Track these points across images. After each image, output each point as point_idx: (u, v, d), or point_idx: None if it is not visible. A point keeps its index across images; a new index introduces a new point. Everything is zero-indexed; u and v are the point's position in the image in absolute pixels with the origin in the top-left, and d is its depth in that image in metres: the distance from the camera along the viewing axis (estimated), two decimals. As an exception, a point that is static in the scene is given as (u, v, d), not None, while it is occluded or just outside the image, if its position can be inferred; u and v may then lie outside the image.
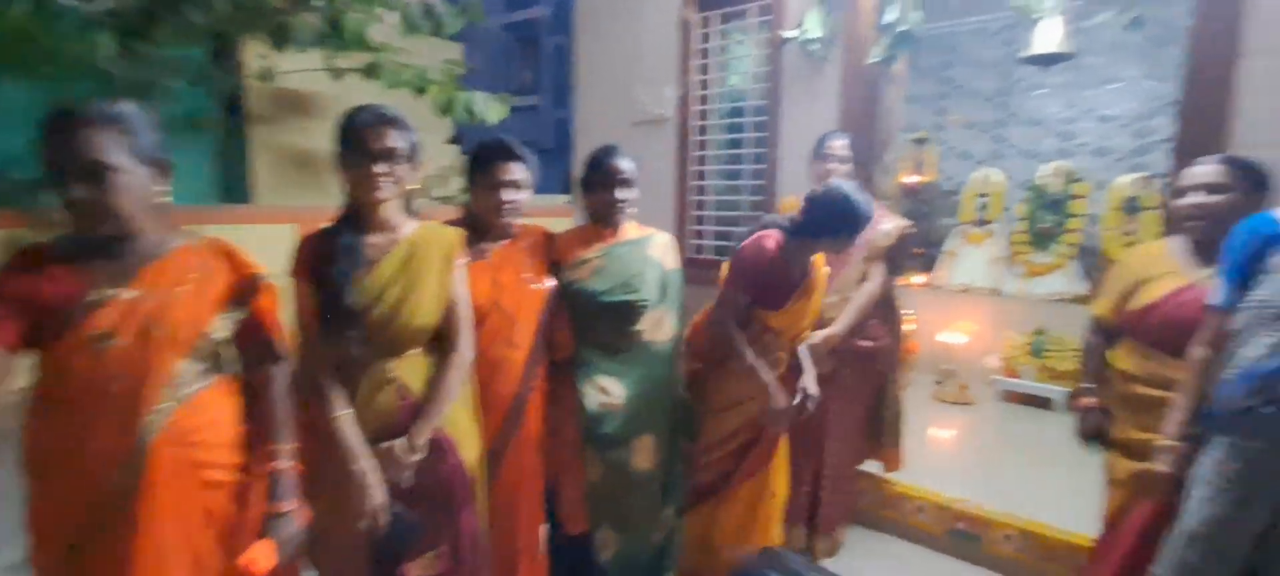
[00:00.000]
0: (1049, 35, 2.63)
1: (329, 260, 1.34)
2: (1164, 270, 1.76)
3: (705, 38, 2.87)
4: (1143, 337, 1.78)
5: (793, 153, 2.57)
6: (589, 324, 1.80)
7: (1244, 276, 1.48)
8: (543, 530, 1.85)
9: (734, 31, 2.87)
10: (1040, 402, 3.88)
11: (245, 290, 1.19)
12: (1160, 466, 1.59)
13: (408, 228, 1.44)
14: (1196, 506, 1.49)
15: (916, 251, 4.80)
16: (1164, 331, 1.70)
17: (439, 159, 4.21)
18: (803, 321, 1.99)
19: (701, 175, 2.96)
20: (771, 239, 1.90)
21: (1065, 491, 2.43)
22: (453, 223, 1.61)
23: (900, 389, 2.56)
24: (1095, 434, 1.92)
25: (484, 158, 1.65)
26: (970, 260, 4.63)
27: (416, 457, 1.39)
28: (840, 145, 2.29)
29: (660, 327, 1.87)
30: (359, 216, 1.39)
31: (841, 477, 2.43)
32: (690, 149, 2.93)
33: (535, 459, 1.74)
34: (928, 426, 3.63)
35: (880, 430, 2.55)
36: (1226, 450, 1.44)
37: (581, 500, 1.83)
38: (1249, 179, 1.64)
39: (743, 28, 2.83)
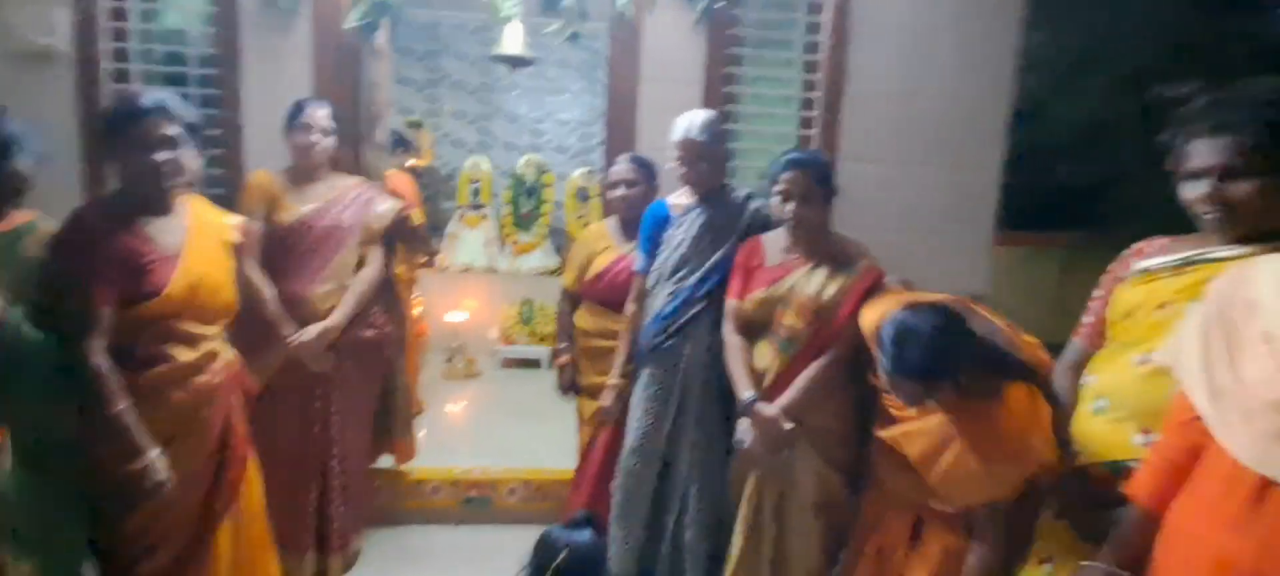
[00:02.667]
0: (513, 39, 2.94)
1: None
2: (606, 245, 2.21)
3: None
4: (595, 299, 2.20)
5: (260, 119, 2.17)
6: None
7: (653, 246, 1.97)
8: None
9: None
10: (531, 364, 4.48)
11: None
12: (606, 400, 1.99)
13: None
14: (633, 426, 1.92)
15: (413, 224, 4.84)
16: (609, 294, 2.14)
17: None
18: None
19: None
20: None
21: (554, 438, 2.84)
22: None
23: (410, 376, 2.51)
24: (570, 385, 2.29)
25: None
26: (468, 242, 4.96)
27: None
28: (322, 115, 2.05)
29: None
30: None
31: (354, 483, 2.23)
32: (99, 99, 2.16)
33: None
34: (441, 404, 3.76)
35: (391, 423, 2.45)
36: (647, 377, 1.90)
37: None
38: (646, 173, 2.20)
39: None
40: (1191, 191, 1.15)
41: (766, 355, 1.73)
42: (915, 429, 1.36)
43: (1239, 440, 0.87)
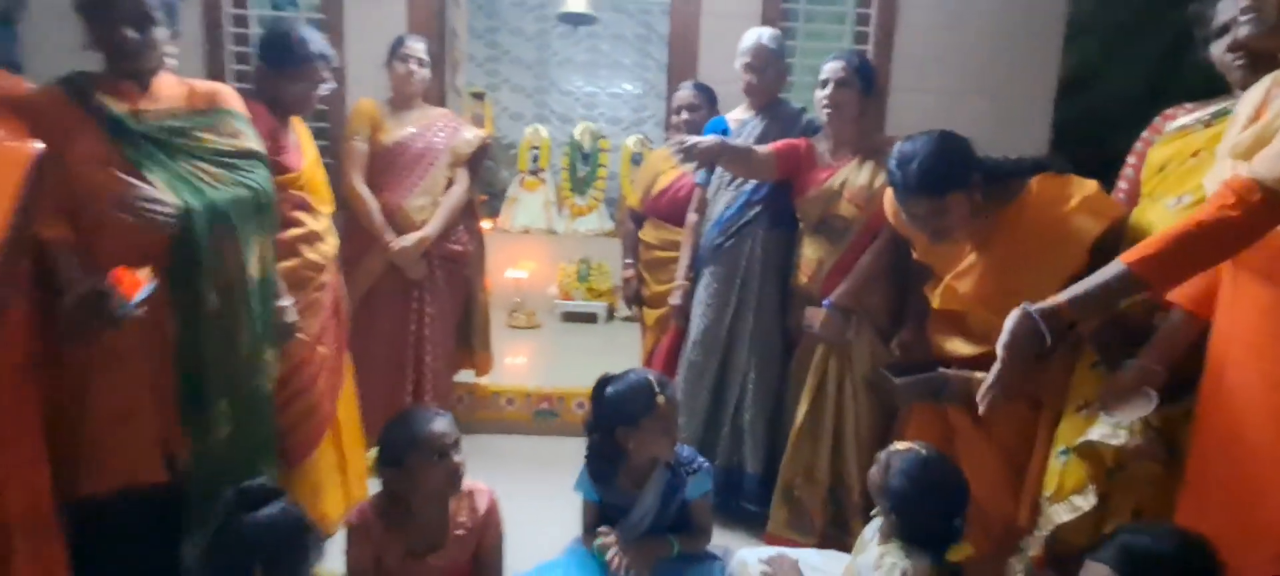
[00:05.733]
0: (577, -2, 3.14)
1: None
2: (668, 166, 2.40)
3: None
4: (658, 215, 2.39)
5: (362, 55, 2.45)
6: None
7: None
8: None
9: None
10: (589, 318, 4.71)
11: None
12: (674, 299, 2.18)
13: None
14: (696, 322, 2.10)
15: (481, 198, 5.14)
16: (671, 209, 2.33)
17: None
18: None
19: (240, 60, 2.52)
20: None
21: (614, 366, 3.01)
22: None
23: (485, 294, 2.76)
24: (635, 296, 2.49)
25: None
26: (527, 205, 5.22)
27: None
28: (419, 48, 2.30)
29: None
30: None
31: (441, 384, 2.49)
32: (222, 45, 2.47)
33: (24, 396, 1.24)
34: (504, 351, 4.01)
35: (470, 336, 2.70)
36: (708, 276, 2.08)
37: None
38: (707, 98, 2.37)
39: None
40: (1219, 48, 1.25)
41: (823, 247, 1.89)
42: (961, 269, 1.49)
43: None
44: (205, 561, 1.10)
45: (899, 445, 1.33)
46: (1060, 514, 1.40)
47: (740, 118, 2.13)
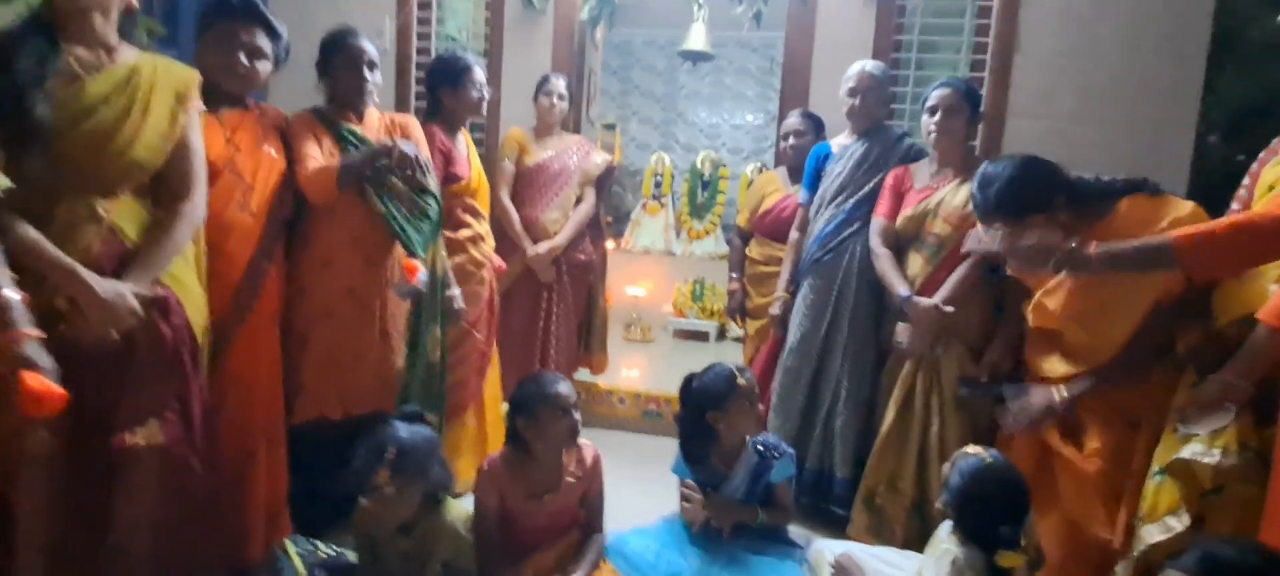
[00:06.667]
0: (697, 36, 3.43)
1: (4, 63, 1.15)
2: (775, 188, 2.59)
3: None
4: (764, 233, 2.57)
5: (514, 92, 2.88)
6: None
7: (815, 180, 2.30)
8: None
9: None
10: (701, 336, 4.91)
11: None
12: (775, 310, 2.34)
13: (129, 52, 1.30)
14: (793, 331, 2.25)
15: (607, 220, 5.56)
16: (775, 227, 2.51)
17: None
18: None
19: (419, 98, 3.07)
20: None
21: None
22: None
23: (605, 300, 3.06)
24: (739, 308, 2.68)
25: (222, 13, 1.56)
26: (648, 228, 5.57)
27: (131, 305, 1.23)
28: (562, 85, 2.68)
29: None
30: (57, 22, 1.21)
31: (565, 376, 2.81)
32: (410, 84, 3.01)
33: (272, 338, 1.69)
34: (620, 361, 4.32)
35: (589, 337, 3.01)
36: (807, 288, 2.22)
37: None
38: (814, 125, 2.53)
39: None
40: None
41: (917, 263, 1.98)
42: (1051, 286, 1.53)
43: None
44: (361, 447, 1.45)
45: (970, 449, 1.41)
46: (1153, 534, 1.39)
47: (843, 143, 2.27)
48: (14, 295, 1.06)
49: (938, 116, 1.94)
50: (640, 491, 2.07)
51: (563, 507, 1.65)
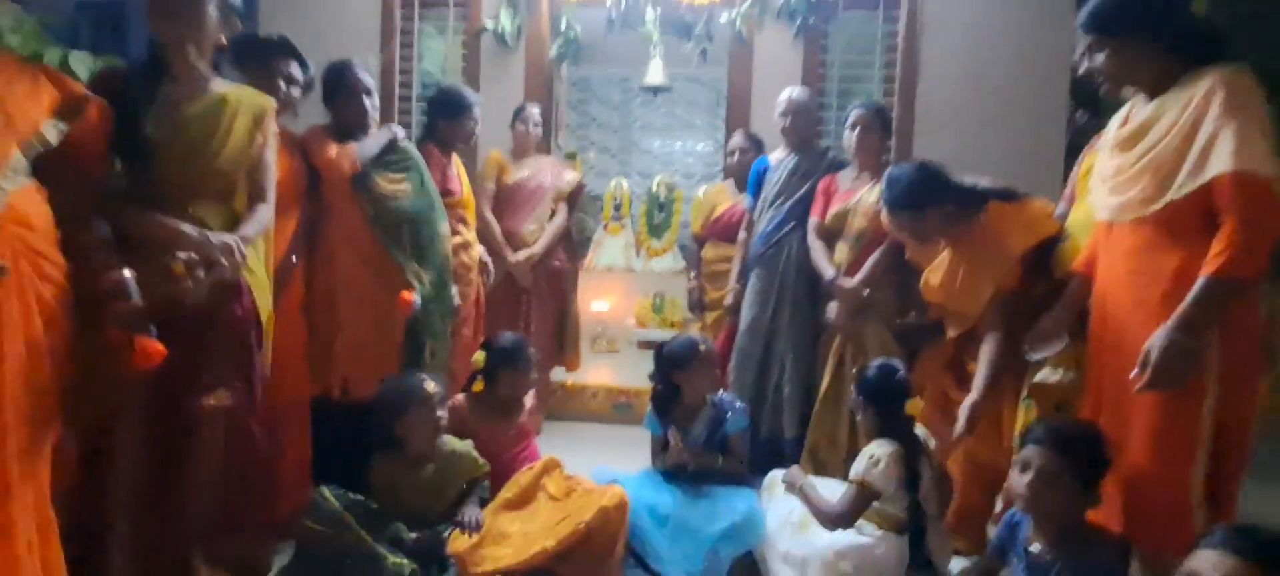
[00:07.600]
0: (655, 71, 3.84)
1: (123, 92, 1.43)
2: (723, 198, 3.00)
3: (406, 20, 3.32)
4: (716, 236, 2.97)
5: (488, 121, 3.20)
6: None
7: (758, 188, 2.71)
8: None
9: (431, 19, 3.40)
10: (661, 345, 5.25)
11: (72, 105, 1.27)
12: (728, 299, 2.72)
13: (219, 83, 1.57)
14: (744, 316, 2.63)
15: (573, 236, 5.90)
16: (726, 231, 2.90)
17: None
18: None
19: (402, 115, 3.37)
20: None
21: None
22: None
23: (577, 307, 3.39)
24: (698, 303, 3.06)
25: (266, 49, 1.86)
26: (610, 247, 5.93)
27: (238, 246, 1.48)
28: (536, 112, 3.04)
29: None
30: (162, 59, 1.49)
31: (541, 377, 3.11)
32: (393, 115, 3.31)
33: (299, 322, 1.96)
34: (588, 369, 4.62)
35: (563, 339, 3.32)
36: (754, 278, 2.61)
37: None
38: (755, 144, 2.96)
39: (438, 17, 3.38)
40: None
41: (842, 251, 2.39)
42: (933, 266, 1.95)
43: None
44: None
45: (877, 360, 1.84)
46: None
47: (779, 157, 2.69)
48: (128, 274, 1.33)
49: (856, 132, 2.37)
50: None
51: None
